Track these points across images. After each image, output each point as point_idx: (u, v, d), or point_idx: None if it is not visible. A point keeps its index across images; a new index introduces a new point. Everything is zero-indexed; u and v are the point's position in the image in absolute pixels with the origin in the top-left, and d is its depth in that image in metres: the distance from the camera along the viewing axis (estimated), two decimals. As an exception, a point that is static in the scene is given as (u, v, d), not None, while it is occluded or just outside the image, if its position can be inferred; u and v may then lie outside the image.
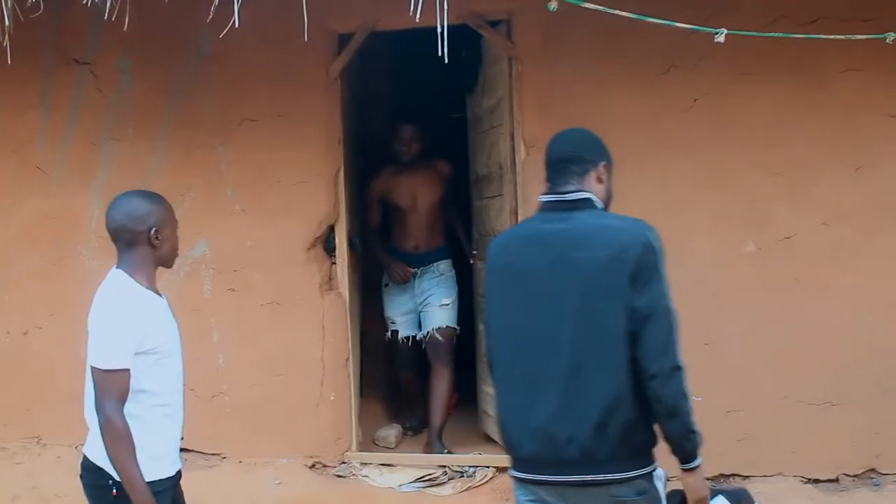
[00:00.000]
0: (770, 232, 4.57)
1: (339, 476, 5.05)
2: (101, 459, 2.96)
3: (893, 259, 4.53)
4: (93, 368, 2.91)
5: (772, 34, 4.03)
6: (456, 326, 5.58)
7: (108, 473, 2.94)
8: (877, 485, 4.56)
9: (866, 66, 4.45)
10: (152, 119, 5.20)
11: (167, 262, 3.18)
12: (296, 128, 5.04)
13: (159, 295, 3.14)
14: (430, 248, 5.64)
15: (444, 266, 5.66)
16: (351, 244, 5.26)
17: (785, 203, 4.57)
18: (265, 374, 5.09)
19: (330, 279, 5.12)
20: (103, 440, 2.88)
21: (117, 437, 2.85)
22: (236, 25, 3.44)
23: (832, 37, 4.01)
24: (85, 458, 3.06)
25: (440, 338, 5.49)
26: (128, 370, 2.90)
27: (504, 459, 4.96)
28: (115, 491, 2.95)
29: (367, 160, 5.90)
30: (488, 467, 4.99)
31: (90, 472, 3.03)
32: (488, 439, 5.48)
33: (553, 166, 2.87)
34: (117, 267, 3.09)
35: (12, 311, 5.49)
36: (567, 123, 4.65)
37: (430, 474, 4.97)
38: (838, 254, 4.54)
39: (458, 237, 5.87)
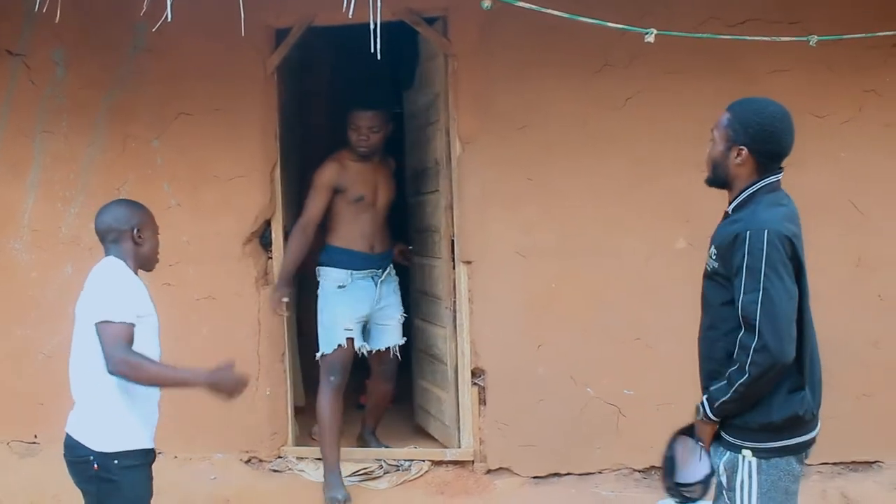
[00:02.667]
0: (700, 228, 4.62)
1: (275, 471, 5.06)
2: (82, 435, 3.20)
3: (823, 255, 4.63)
4: (101, 324, 3.12)
5: (701, 35, 4.11)
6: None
7: (88, 448, 3.17)
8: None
9: (793, 67, 4.55)
10: (87, 112, 5.15)
11: (148, 263, 3.46)
12: (232, 122, 5.03)
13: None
14: (385, 250, 5.16)
15: (393, 271, 5.28)
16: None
17: (715, 200, 4.62)
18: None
19: (266, 274, 5.11)
20: (134, 381, 3.14)
21: (140, 368, 3.12)
22: (169, 19, 3.43)
23: (758, 38, 4.09)
24: (67, 435, 3.25)
25: (395, 356, 5.20)
26: (132, 326, 3.16)
27: (439, 453, 5.05)
28: (96, 465, 3.16)
29: (304, 156, 5.88)
30: (423, 461, 5.04)
31: (71, 449, 3.24)
32: (420, 432, 5.53)
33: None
34: (109, 256, 3.35)
35: (-58, 304, 5.40)
36: (502, 120, 4.79)
37: (365, 468, 5.00)
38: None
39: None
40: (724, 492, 2.94)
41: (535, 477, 4.86)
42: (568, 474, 4.86)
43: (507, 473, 4.91)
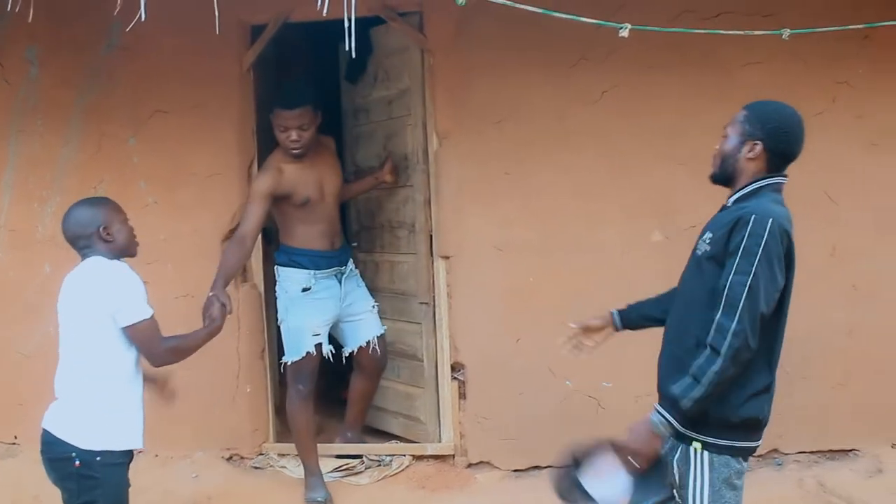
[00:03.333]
0: (676, 221, 4.67)
1: (257, 468, 5.06)
2: (64, 432, 3.20)
3: (797, 246, 4.66)
4: (132, 327, 3.23)
5: (675, 30, 4.11)
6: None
7: (70, 445, 3.18)
8: (779, 464, 4.73)
9: (766, 60, 4.58)
10: (62, 111, 5.13)
11: (127, 252, 3.45)
12: (209, 119, 5.01)
13: None
14: (342, 243, 4.93)
15: (352, 262, 5.02)
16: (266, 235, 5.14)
17: (690, 193, 4.66)
18: (180, 367, 4.85)
19: (244, 271, 5.10)
20: (178, 360, 3.42)
21: (181, 350, 3.44)
22: (142, 19, 3.41)
23: (732, 32, 4.10)
24: (46, 432, 3.25)
25: (379, 349, 4.98)
26: (154, 315, 3.31)
27: (420, 448, 5.07)
28: (77, 462, 3.17)
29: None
30: (405, 455, 5.05)
31: (52, 447, 3.23)
32: (373, 433, 5.49)
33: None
34: (89, 258, 3.34)
35: (-82, 306, 5.36)
36: (479, 114, 4.80)
37: (347, 464, 5.01)
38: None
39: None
40: (675, 490, 2.90)
41: (515, 470, 4.88)
42: (548, 467, 4.85)
43: (487, 467, 4.93)
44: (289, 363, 4.74)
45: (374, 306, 5.00)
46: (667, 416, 2.74)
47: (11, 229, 5.19)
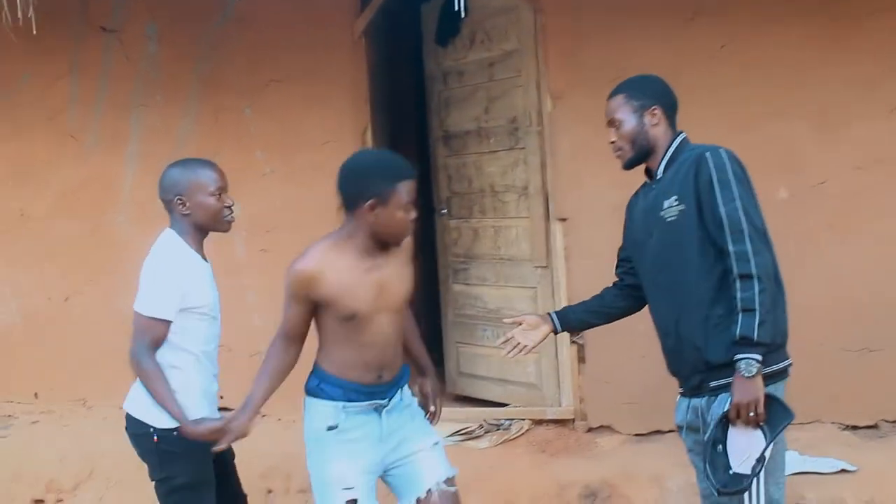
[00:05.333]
0: (802, 178, 4.51)
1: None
2: (138, 411, 3.16)
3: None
4: (135, 313, 3.10)
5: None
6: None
7: (147, 423, 3.13)
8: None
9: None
10: (180, 84, 5.24)
11: (211, 228, 3.27)
12: (322, 87, 5.05)
13: (205, 260, 3.29)
14: (398, 370, 3.27)
15: (406, 386, 3.37)
16: None
17: (817, 147, 4.51)
18: None
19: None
20: (139, 378, 3.11)
21: (147, 376, 3.07)
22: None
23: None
24: (127, 412, 3.22)
25: (452, 489, 3.26)
26: (167, 322, 3.08)
27: (539, 412, 5.04)
28: (156, 438, 3.13)
29: (393, 119, 5.86)
30: (524, 420, 5.03)
31: (132, 423, 3.19)
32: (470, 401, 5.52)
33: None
34: (170, 227, 3.25)
35: (53, 278, 5.59)
36: (593, 74, 4.69)
37: (466, 428, 5.02)
38: (873, 198, 4.47)
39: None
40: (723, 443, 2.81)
41: (636, 434, 4.82)
42: (670, 431, 4.78)
43: (608, 431, 4.88)
44: None
45: (437, 443, 3.32)
46: (750, 356, 2.68)
47: (136, 202, 5.34)
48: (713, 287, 2.80)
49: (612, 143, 3.06)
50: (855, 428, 4.54)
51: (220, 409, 3.38)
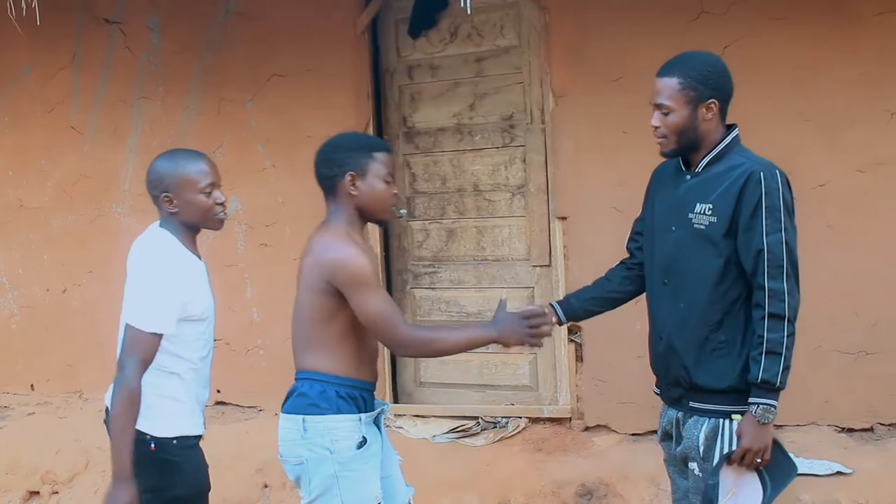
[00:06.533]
0: (803, 179, 4.49)
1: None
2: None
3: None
4: (128, 325, 2.82)
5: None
6: None
7: (142, 431, 2.88)
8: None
9: (903, 8, 4.35)
10: (182, 77, 5.25)
11: (202, 226, 3.04)
12: (324, 82, 5.05)
13: (200, 259, 3.11)
14: None
15: None
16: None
17: (818, 150, 4.50)
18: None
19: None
20: (114, 397, 2.80)
21: (129, 398, 2.77)
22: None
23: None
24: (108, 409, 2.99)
25: None
26: (161, 335, 2.84)
27: (536, 410, 5.04)
28: (153, 446, 2.94)
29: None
30: (520, 418, 5.02)
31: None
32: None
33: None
34: (160, 225, 3.04)
35: (51, 269, 5.60)
36: (596, 72, 4.69)
37: (462, 425, 5.02)
38: (873, 201, 4.46)
39: None
40: (697, 463, 2.80)
41: (633, 434, 4.81)
42: (667, 431, 4.80)
43: (604, 430, 4.87)
44: None
45: (400, 461, 3.26)
46: (769, 401, 2.63)
47: (137, 193, 5.34)
48: (721, 311, 2.72)
49: (656, 128, 2.85)
50: (851, 430, 4.52)
51: (218, 402, 3.39)
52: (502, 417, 5.07)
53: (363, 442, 2.89)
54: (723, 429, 2.76)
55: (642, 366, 4.75)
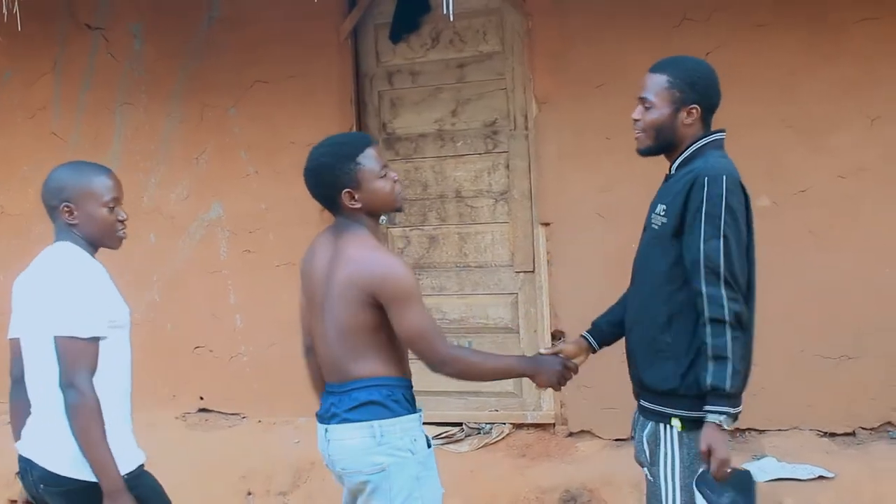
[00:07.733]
0: (784, 185, 4.53)
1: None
2: (67, 468, 2.62)
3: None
4: (63, 339, 2.57)
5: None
6: None
7: (87, 481, 2.59)
8: (893, 437, 4.56)
9: (882, 15, 4.37)
10: (165, 83, 5.24)
11: (99, 243, 2.83)
12: (308, 89, 5.05)
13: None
14: None
15: None
16: None
17: (800, 155, 4.52)
18: (283, 334, 5.09)
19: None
20: (73, 419, 2.54)
21: (92, 415, 2.54)
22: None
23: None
24: (43, 469, 2.66)
25: None
26: (98, 341, 2.63)
27: (520, 416, 5.04)
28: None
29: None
30: (504, 424, 5.03)
31: (58, 478, 2.65)
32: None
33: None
34: (58, 240, 2.81)
35: (32, 276, 5.54)
36: (579, 79, 4.70)
37: (447, 432, 5.02)
38: (854, 206, 4.48)
39: None
40: (647, 468, 2.82)
41: (616, 440, 4.82)
42: (651, 436, 4.81)
43: (588, 436, 4.88)
44: None
45: None
46: (724, 408, 2.57)
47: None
48: (668, 312, 2.71)
49: (636, 121, 2.86)
50: (833, 435, 4.54)
51: (201, 410, 3.33)
52: (486, 423, 5.07)
53: (430, 441, 2.87)
54: (664, 434, 2.76)
55: (625, 372, 4.78)
